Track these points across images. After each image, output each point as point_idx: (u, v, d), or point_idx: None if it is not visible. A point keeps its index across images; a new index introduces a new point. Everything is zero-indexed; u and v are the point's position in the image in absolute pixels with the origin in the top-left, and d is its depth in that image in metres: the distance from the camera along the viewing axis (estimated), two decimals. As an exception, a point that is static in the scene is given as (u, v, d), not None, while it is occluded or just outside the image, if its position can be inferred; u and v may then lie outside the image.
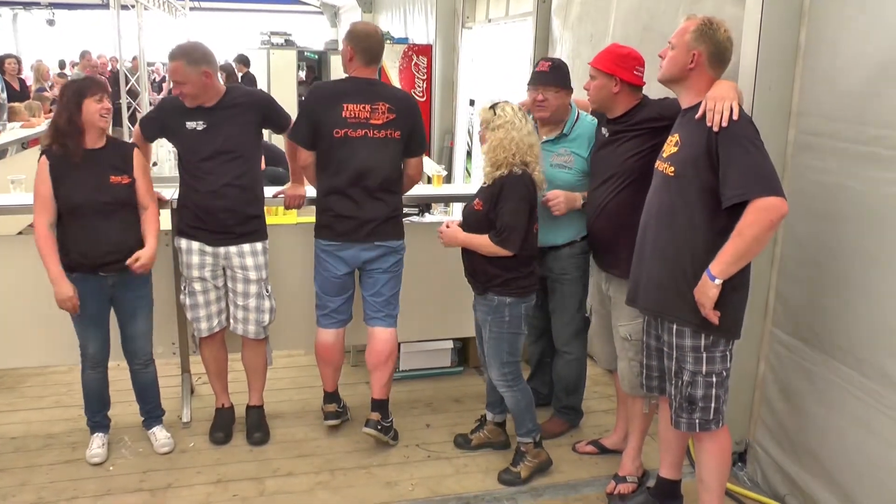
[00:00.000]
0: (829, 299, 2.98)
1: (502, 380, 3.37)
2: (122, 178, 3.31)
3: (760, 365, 3.42)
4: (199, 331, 3.67)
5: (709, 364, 2.74)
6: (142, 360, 3.57)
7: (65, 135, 3.22)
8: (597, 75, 3.16)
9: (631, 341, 3.21)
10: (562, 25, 5.42)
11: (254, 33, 16.24)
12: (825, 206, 2.99)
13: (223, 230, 3.49)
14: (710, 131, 2.58)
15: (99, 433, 3.58)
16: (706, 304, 2.61)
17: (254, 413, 3.83)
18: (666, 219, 2.75)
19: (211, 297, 3.62)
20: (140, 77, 8.68)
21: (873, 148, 2.74)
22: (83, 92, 3.21)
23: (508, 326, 3.31)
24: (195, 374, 4.23)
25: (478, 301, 3.37)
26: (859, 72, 2.80)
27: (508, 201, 3.15)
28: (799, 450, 3.18)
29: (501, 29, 7.32)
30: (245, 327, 3.66)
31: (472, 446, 3.69)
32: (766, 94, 3.08)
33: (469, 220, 3.29)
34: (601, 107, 3.24)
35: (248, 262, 3.54)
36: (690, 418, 2.80)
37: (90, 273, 3.28)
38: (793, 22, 3.11)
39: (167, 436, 3.66)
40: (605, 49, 3.27)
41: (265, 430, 3.79)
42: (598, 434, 3.84)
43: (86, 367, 3.50)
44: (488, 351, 3.38)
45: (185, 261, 3.57)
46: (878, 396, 2.74)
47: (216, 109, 3.46)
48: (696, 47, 2.68)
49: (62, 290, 3.23)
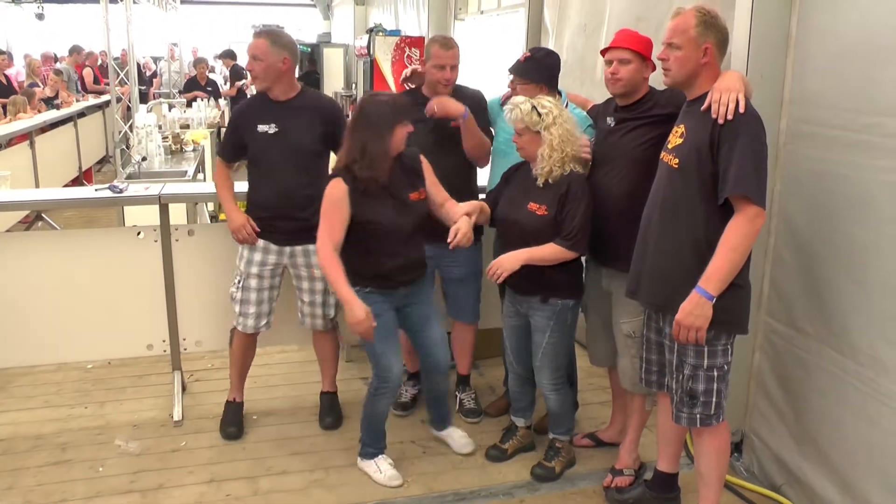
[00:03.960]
0: (823, 288, 2.96)
1: (553, 384, 3.34)
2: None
3: (755, 355, 3.40)
4: (243, 326, 3.64)
5: (710, 358, 2.70)
6: (444, 370, 3.48)
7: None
8: (632, 59, 3.01)
9: (634, 338, 3.16)
10: (555, 17, 5.37)
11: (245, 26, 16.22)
12: (818, 195, 2.96)
13: (292, 230, 3.49)
14: (715, 122, 2.54)
15: (382, 455, 3.47)
16: (703, 325, 2.57)
17: (326, 399, 3.89)
18: (670, 211, 2.71)
19: (264, 296, 3.61)
20: (129, 71, 8.58)
21: (867, 136, 2.71)
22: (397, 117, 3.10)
23: (570, 329, 3.30)
24: (187, 372, 4.19)
25: (535, 308, 3.26)
26: (852, 59, 2.76)
27: (579, 202, 3.07)
28: (796, 438, 3.16)
29: (494, 20, 7.29)
30: (313, 321, 3.70)
31: (509, 455, 3.59)
32: (757, 83, 3.03)
33: (529, 228, 3.15)
34: (630, 92, 3.07)
35: (314, 261, 3.52)
36: (691, 413, 2.77)
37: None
38: (783, 9, 3.08)
39: (463, 434, 3.65)
40: (626, 32, 3.13)
41: (336, 416, 3.84)
42: (594, 427, 3.81)
43: (384, 395, 3.31)
44: (543, 357, 3.30)
45: (247, 256, 3.56)
46: (874, 384, 2.72)
47: (287, 108, 3.47)
48: (705, 41, 2.62)
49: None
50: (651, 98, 3.09)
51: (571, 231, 3.08)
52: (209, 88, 11.47)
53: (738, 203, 2.52)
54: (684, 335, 2.61)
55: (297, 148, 3.45)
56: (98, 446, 3.57)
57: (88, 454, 3.52)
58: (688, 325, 2.58)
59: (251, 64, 3.42)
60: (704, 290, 2.54)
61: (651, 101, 3.08)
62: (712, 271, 2.54)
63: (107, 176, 10.55)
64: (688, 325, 2.58)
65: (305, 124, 3.47)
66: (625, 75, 3.02)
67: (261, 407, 3.90)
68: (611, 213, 3.12)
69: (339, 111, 3.63)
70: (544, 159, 3.11)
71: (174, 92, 12.73)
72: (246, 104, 3.70)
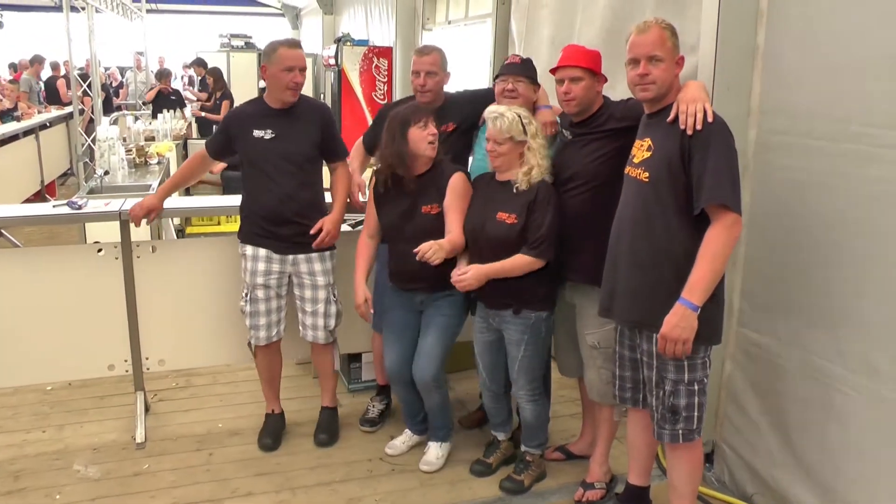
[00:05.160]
0: (805, 296, 2.94)
1: (530, 394, 3.32)
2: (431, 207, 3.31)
3: (726, 365, 3.39)
4: (256, 339, 3.61)
5: (691, 372, 2.68)
6: (421, 382, 3.45)
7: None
8: (584, 76, 3.01)
9: (599, 349, 3.14)
10: (523, 28, 5.35)
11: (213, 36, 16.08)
12: (790, 204, 2.96)
13: (293, 236, 3.48)
14: (683, 133, 2.53)
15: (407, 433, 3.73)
16: (689, 336, 2.54)
17: (325, 414, 3.84)
18: (642, 226, 2.68)
19: (273, 305, 3.58)
20: (93, 82, 8.45)
21: (850, 145, 2.70)
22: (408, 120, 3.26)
23: (544, 341, 3.28)
24: (150, 392, 4.10)
25: (507, 321, 3.23)
26: (830, 70, 2.77)
27: (546, 210, 3.07)
28: (770, 447, 3.15)
29: (461, 30, 7.30)
30: (315, 333, 3.65)
31: (494, 469, 3.56)
32: (724, 95, 3.04)
33: (501, 237, 3.13)
34: (585, 109, 3.08)
35: (316, 268, 3.54)
36: (674, 429, 2.73)
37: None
38: (750, 23, 3.08)
39: (437, 455, 3.60)
40: (574, 48, 3.13)
41: (332, 433, 3.79)
42: (565, 439, 3.78)
43: (391, 382, 3.65)
44: (520, 369, 3.27)
45: (251, 268, 3.53)
46: (863, 389, 2.71)
47: (285, 115, 3.46)
48: (678, 52, 2.65)
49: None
50: (606, 111, 3.08)
51: (537, 239, 3.07)
52: (173, 97, 11.32)
53: (714, 212, 2.51)
54: (671, 349, 2.58)
55: (294, 153, 3.45)
56: (56, 472, 3.45)
57: (45, 481, 3.40)
58: (674, 337, 2.55)
59: (300, 75, 3.38)
60: (689, 301, 2.52)
61: (606, 113, 3.07)
62: (695, 281, 2.51)
63: (71, 189, 10.36)
64: (675, 338, 2.55)
65: (302, 130, 3.48)
66: (578, 93, 3.01)
67: (226, 426, 3.81)
68: (571, 227, 3.10)
69: (332, 118, 3.61)
70: (530, 167, 3.10)
71: (139, 103, 12.57)
72: (243, 108, 3.66)
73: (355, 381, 4.33)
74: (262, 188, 3.47)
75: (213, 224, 7.14)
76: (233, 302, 3.75)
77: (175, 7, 18.63)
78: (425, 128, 3.24)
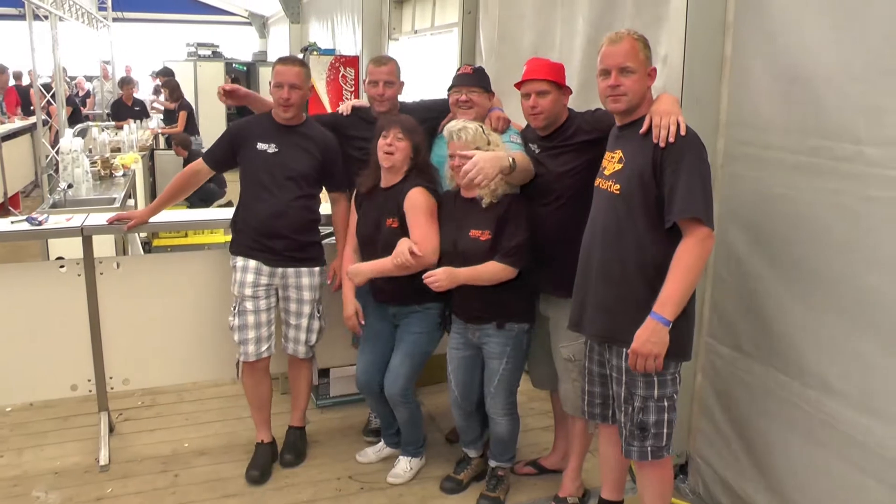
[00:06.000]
0: (768, 310, 2.94)
1: (507, 409, 3.28)
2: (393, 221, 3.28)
3: (697, 377, 3.38)
4: (245, 354, 3.50)
5: (660, 388, 2.64)
6: (391, 397, 3.42)
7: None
8: (550, 89, 2.99)
9: (574, 362, 3.12)
10: (494, 37, 5.33)
11: (180, 45, 15.93)
12: (758, 216, 2.96)
13: (285, 250, 3.44)
14: (656, 146, 2.51)
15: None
16: (661, 352, 2.50)
17: (291, 434, 3.76)
18: (612, 239, 2.65)
19: (262, 318, 3.50)
20: (56, 93, 8.29)
21: (809, 157, 2.70)
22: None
23: (524, 354, 3.25)
24: (115, 411, 4.00)
25: (490, 335, 3.19)
26: (793, 82, 2.77)
27: (518, 221, 3.05)
28: (740, 460, 3.14)
29: (428, 40, 7.32)
30: (296, 347, 3.61)
31: (464, 485, 3.52)
32: (692, 107, 3.04)
33: (476, 255, 3.08)
34: (552, 122, 3.06)
35: (304, 282, 3.51)
36: (643, 446, 2.69)
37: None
38: (717, 33, 3.08)
39: (406, 468, 3.57)
40: (538, 61, 3.11)
41: (298, 453, 3.70)
42: (537, 453, 3.74)
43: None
44: (499, 384, 3.23)
45: (240, 279, 3.46)
46: (819, 405, 2.71)
47: (292, 134, 3.46)
48: (650, 63, 2.63)
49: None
50: (573, 123, 3.06)
51: (511, 249, 3.04)
52: (136, 108, 11.18)
53: (687, 226, 2.48)
54: (641, 364, 2.53)
55: (294, 169, 3.43)
56: (13, 500, 3.33)
57: (2, 508, 3.30)
58: (646, 352, 2.50)
59: (292, 92, 3.37)
60: (661, 316, 2.48)
61: (573, 126, 3.05)
62: (667, 296, 2.48)
63: (36, 202, 10.15)
64: (646, 353, 2.50)
65: (304, 150, 3.46)
66: (545, 107, 3.00)
67: (193, 446, 3.73)
68: (543, 239, 3.08)
69: (337, 148, 3.56)
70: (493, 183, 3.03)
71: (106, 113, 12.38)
72: (249, 121, 3.62)
73: (323, 398, 4.27)
74: (259, 200, 3.44)
75: (180, 236, 7.04)
76: (200, 317, 3.68)
77: (142, 15, 18.41)
78: (385, 137, 3.24)
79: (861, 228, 2.51)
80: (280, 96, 3.38)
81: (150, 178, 9.14)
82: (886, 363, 2.44)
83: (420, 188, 3.23)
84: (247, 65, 15.89)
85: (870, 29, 2.45)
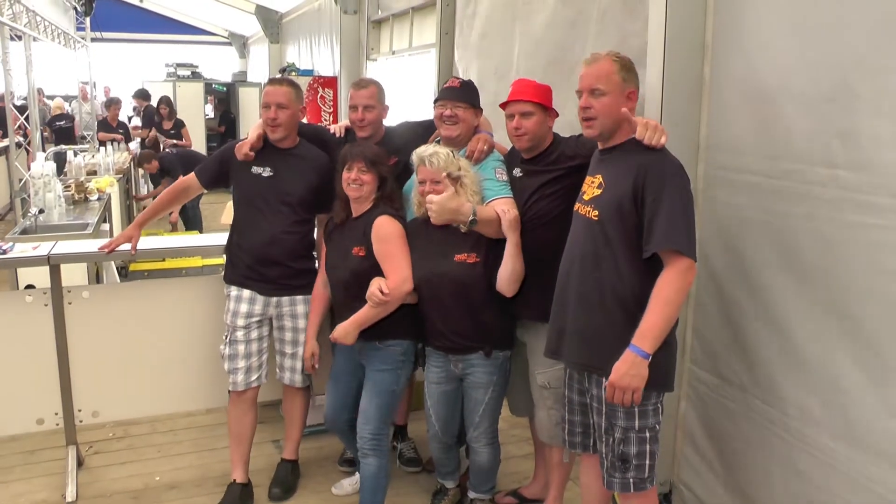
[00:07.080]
0: (746, 337, 2.90)
1: (490, 438, 3.23)
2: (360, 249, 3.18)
3: (681, 404, 3.33)
4: (234, 384, 3.43)
5: (641, 419, 2.56)
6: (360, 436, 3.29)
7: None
8: (535, 110, 2.94)
9: (549, 389, 3.05)
10: (472, 56, 5.31)
11: (159, 65, 15.85)
12: (737, 241, 2.92)
13: (279, 278, 3.40)
14: (638, 173, 2.45)
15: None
16: (639, 386, 2.42)
17: (283, 468, 3.67)
18: (590, 265, 2.58)
19: (253, 348, 3.44)
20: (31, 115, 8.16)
21: (782, 181, 2.67)
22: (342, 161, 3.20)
23: (507, 381, 3.20)
24: (84, 444, 3.87)
25: (476, 364, 3.10)
26: (769, 105, 2.73)
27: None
28: (725, 488, 3.08)
29: (405, 61, 7.33)
30: (292, 376, 3.54)
31: None
32: (672, 131, 2.99)
33: (465, 280, 3.02)
34: (536, 144, 3.01)
35: (298, 310, 3.46)
36: (624, 478, 2.61)
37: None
38: (696, 56, 3.06)
39: (352, 483, 3.62)
40: (524, 83, 3.06)
41: (287, 488, 3.60)
42: (517, 482, 3.67)
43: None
44: (484, 413, 3.16)
45: (233, 308, 3.41)
46: (799, 434, 2.66)
47: (286, 155, 3.43)
48: (629, 86, 2.56)
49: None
50: (556, 148, 3.01)
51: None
52: (121, 131, 11.06)
53: (668, 257, 2.42)
54: (619, 397, 2.45)
55: (290, 193, 3.38)
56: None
57: (-37, 550, 3.18)
58: (624, 386, 2.42)
59: (279, 112, 3.31)
60: (640, 349, 2.40)
61: (557, 150, 3.00)
62: (647, 328, 2.41)
63: (9, 225, 9.99)
64: (624, 387, 2.42)
65: (300, 173, 3.42)
66: (529, 128, 2.95)
67: (164, 479, 3.62)
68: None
69: (332, 169, 3.43)
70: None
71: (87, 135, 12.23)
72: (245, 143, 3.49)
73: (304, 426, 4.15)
74: (253, 226, 3.39)
75: (158, 261, 6.91)
76: (174, 347, 3.60)
77: (120, 35, 18.31)
78: (350, 171, 3.16)
79: (836, 256, 2.48)
80: (268, 116, 3.32)
81: (126, 201, 8.99)
82: (866, 392, 2.40)
83: (386, 216, 3.16)
84: (226, 85, 15.82)
85: (842, 51, 2.42)
